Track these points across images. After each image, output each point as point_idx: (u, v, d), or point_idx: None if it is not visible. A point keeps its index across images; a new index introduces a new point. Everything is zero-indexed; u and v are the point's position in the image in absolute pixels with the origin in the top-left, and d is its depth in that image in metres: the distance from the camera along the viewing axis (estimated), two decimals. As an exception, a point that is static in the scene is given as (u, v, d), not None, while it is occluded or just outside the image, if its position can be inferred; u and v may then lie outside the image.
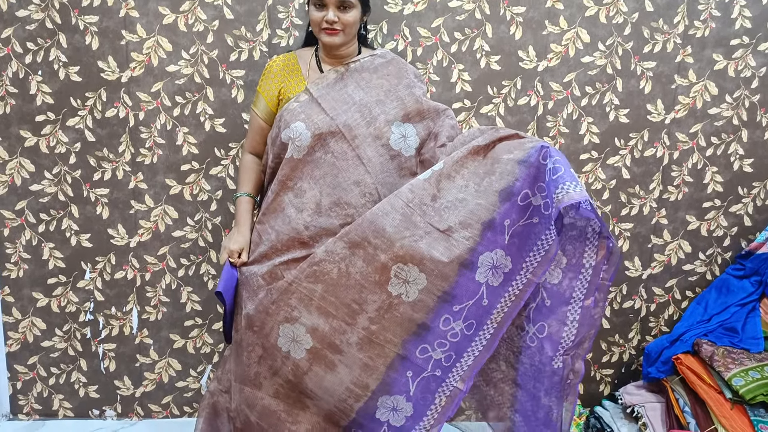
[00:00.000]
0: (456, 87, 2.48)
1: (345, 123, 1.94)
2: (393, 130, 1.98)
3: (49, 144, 2.44)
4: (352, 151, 1.94)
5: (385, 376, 1.87)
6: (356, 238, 1.85)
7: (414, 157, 2.02)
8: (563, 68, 2.48)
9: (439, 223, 1.83)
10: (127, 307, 2.61)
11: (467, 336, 1.86)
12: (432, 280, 1.82)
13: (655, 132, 2.55)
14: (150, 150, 2.47)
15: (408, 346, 1.86)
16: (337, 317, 1.87)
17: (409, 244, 1.82)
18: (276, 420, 1.94)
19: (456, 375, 1.88)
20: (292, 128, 1.93)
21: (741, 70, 2.51)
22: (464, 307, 1.84)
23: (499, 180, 1.83)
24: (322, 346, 1.87)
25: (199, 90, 2.43)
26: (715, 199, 2.63)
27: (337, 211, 1.93)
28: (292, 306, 1.89)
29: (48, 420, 2.68)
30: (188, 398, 2.72)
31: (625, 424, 2.49)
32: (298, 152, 1.93)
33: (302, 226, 1.93)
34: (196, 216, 2.55)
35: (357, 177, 1.94)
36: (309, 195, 1.94)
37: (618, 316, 2.73)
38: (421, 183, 1.86)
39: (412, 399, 1.88)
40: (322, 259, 1.88)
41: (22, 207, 2.49)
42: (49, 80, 2.39)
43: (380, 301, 1.85)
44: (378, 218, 1.84)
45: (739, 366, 2.24)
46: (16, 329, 2.60)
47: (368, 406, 1.88)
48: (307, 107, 1.95)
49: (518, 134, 1.90)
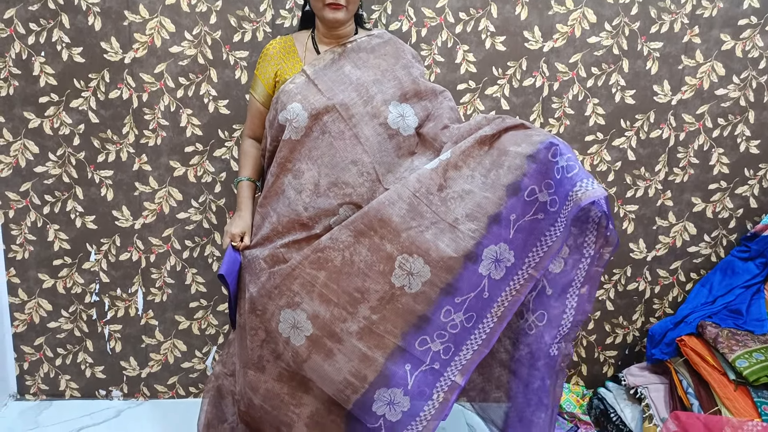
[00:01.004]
0: (461, 68, 2.47)
1: (342, 102, 1.93)
2: (391, 109, 1.97)
3: (53, 125, 2.44)
4: (349, 131, 1.93)
5: (384, 368, 1.86)
6: (362, 227, 1.85)
7: (413, 137, 2.00)
8: (569, 49, 2.46)
9: (446, 214, 1.83)
10: (133, 289, 2.63)
11: (467, 328, 1.85)
12: (436, 272, 1.82)
13: (662, 113, 2.54)
14: (154, 132, 2.47)
15: (407, 338, 1.85)
16: (338, 305, 1.86)
17: (415, 234, 1.82)
18: (279, 402, 1.95)
19: (454, 369, 1.86)
20: (288, 109, 1.92)
21: (748, 51, 2.49)
22: (466, 299, 1.83)
23: (507, 174, 1.82)
24: (322, 333, 1.87)
25: (203, 71, 2.42)
26: (721, 181, 2.61)
27: (335, 191, 1.92)
28: (295, 291, 1.89)
29: (55, 400, 2.71)
30: (194, 379, 2.74)
31: (628, 405, 2.50)
32: (296, 133, 1.93)
33: (302, 208, 1.93)
34: (201, 198, 2.55)
35: (354, 156, 1.93)
36: (307, 176, 1.93)
37: (622, 298, 2.73)
38: (428, 173, 1.85)
39: (410, 393, 1.86)
40: (326, 246, 1.87)
41: (27, 189, 2.49)
42: (52, 61, 2.38)
43: (382, 292, 1.84)
44: (384, 207, 1.83)
45: (743, 348, 2.24)
46: (23, 310, 2.61)
47: (365, 398, 1.87)
48: (304, 88, 1.94)
49: (524, 124, 1.89)
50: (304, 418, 1.93)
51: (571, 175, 1.73)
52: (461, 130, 1.96)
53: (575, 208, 1.71)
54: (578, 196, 1.70)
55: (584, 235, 1.87)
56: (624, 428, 2.43)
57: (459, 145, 1.88)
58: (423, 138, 2.02)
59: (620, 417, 2.48)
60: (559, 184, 1.75)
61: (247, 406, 2.02)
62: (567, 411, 2.61)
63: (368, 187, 1.93)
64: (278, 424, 1.96)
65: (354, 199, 1.92)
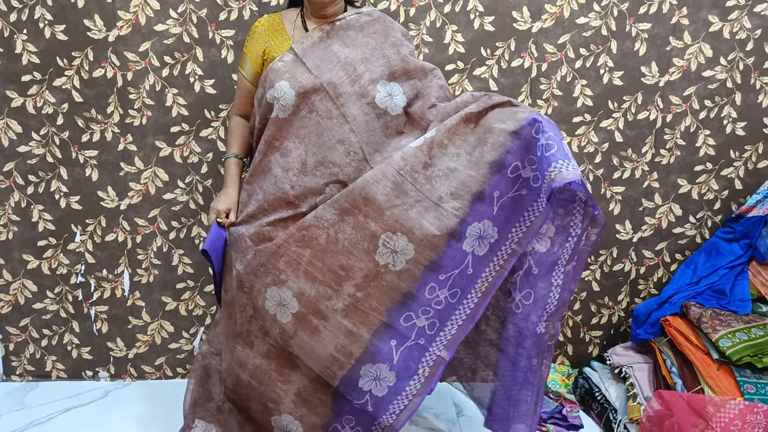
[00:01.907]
0: (449, 48, 2.45)
1: (329, 81, 1.91)
2: (379, 88, 1.96)
3: (36, 104, 2.41)
4: (336, 110, 1.92)
5: (369, 344, 1.86)
6: (346, 205, 1.84)
7: (401, 116, 1.99)
8: (558, 29, 2.45)
9: (430, 192, 1.83)
10: (119, 270, 2.61)
11: (451, 304, 1.86)
12: (420, 250, 1.82)
13: (649, 95, 2.54)
14: (139, 111, 2.44)
15: (392, 314, 1.86)
16: (323, 283, 1.86)
17: (399, 213, 1.82)
18: (267, 379, 1.95)
19: (440, 344, 1.87)
20: (276, 87, 1.91)
21: (736, 32, 2.49)
22: (450, 275, 1.84)
23: (490, 151, 1.82)
24: (307, 311, 1.87)
25: (188, 50, 2.39)
26: (707, 163, 2.63)
27: (321, 170, 1.92)
28: (280, 269, 1.89)
29: (41, 381, 2.70)
30: (181, 360, 2.74)
31: (612, 384, 2.53)
32: (283, 112, 1.92)
33: (288, 186, 1.92)
34: (187, 178, 2.53)
35: (341, 136, 1.92)
36: (294, 154, 1.93)
37: (608, 279, 2.75)
38: (413, 151, 1.85)
39: (395, 368, 1.87)
40: (311, 225, 1.87)
41: (10, 168, 2.46)
42: (34, 39, 2.34)
43: (367, 270, 1.84)
44: (369, 185, 1.83)
45: (726, 328, 2.27)
46: (7, 291, 2.59)
47: (351, 374, 1.87)
48: (292, 66, 1.93)
49: (511, 102, 1.88)
50: (291, 395, 1.94)
51: (549, 155, 1.73)
52: (448, 108, 1.95)
53: (548, 189, 1.72)
54: (552, 177, 1.71)
55: (570, 215, 1.89)
56: (608, 407, 2.47)
57: (444, 123, 1.88)
58: (411, 117, 2.01)
59: (605, 396, 2.51)
60: (539, 161, 1.75)
61: (234, 383, 2.02)
62: (552, 390, 2.64)
63: (355, 167, 1.92)
64: (265, 401, 1.97)
65: (341, 179, 1.92)
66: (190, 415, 2.11)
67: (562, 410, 2.52)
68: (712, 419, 2.03)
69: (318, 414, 1.94)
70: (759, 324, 2.30)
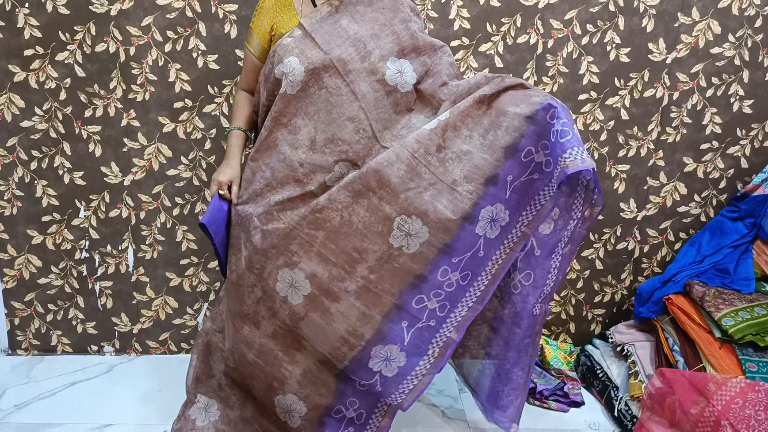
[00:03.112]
0: (454, 24, 2.43)
1: (339, 57, 1.90)
2: (389, 65, 1.94)
3: (39, 79, 2.40)
4: (346, 87, 1.90)
5: (381, 325, 1.87)
6: (360, 187, 1.84)
7: (411, 93, 1.98)
8: (564, 5, 2.42)
9: (444, 175, 1.83)
10: (123, 245, 2.62)
11: (462, 287, 1.87)
12: (434, 233, 1.83)
13: (656, 72, 2.52)
14: (142, 87, 2.43)
15: (404, 296, 1.87)
16: (336, 264, 1.86)
17: (413, 195, 1.82)
18: (273, 358, 1.96)
19: (450, 325, 1.90)
20: (285, 63, 1.89)
21: (745, 9, 2.45)
22: (462, 258, 1.85)
23: (504, 135, 1.82)
24: (319, 292, 1.88)
25: (191, 25, 2.38)
26: (713, 141, 2.61)
27: (331, 147, 1.91)
28: (292, 251, 1.88)
29: (47, 355, 2.72)
30: (185, 335, 2.75)
31: (614, 362, 2.54)
32: (292, 88, 1.90)
33: (297, 163, 1.91)
34: (190, 155, 2.52)
35: (351, 113, 1.91)
36: (303, 131, 1.91)
37: (611, 257, 2.75)
38: (427, 133, 1.85)
39: (406, 349, 1.89)
40: (324, 206, 1.87)
41: (14, 144, 2.46)
42: (36, 13, 2.32)
43: (380, 252, 1.85)
44: (383, 168, 1.83)
45: (729, 306, 2.27)
46: (12, 266, 2.60)
47: (362, 355, 1.89)
48: (301, 42, 1.91)
49: (523, 84, 1.88)
50: (296, 376, 1.95)
51: (564, 141, 1.74)
52: (460, 88, 1.94)
53: (562, 174, 1.73)
54: (566, 163, 1.72)
55: (574, 196, 1.90)
56: (610, 384, 2.48)
57: (458, 105, 1.87)
58: (421, 94, 2.00)
59: (606, 374, 2.52)
60: (553, 146, 1.76)
61: (238, 362, 2.03)
62: (554, 367, 2.65)
63: (364, 144, 1.91)
64: (271, 380, 1.98)
65: (350, 156, 1.91)
66: (192, 390, 2.13)
67: (563, 387, 2.54)
68: (713, 397, 2.04)
69: (322, 395, 1.96)
70: (762, 303, 2.30)
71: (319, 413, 1.98)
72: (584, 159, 1.72)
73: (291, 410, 1.98)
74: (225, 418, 2.09)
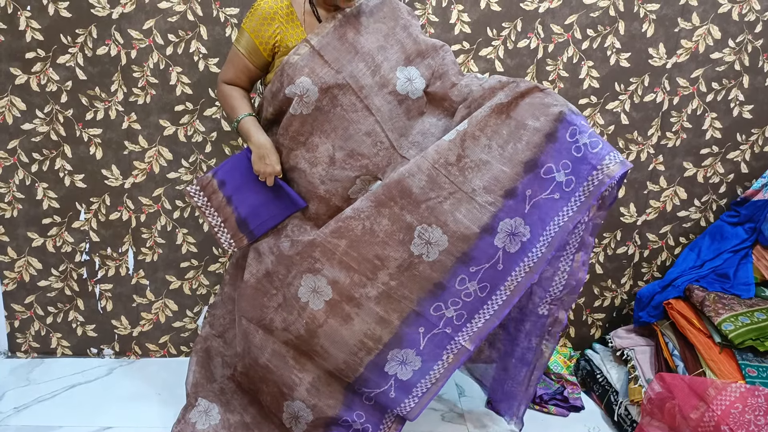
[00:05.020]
0: (455, 28, 2.43)
1: (351, 74, 1.90)
2: (398, 75, 1.96)
3: (40, 82, 2.40)
4: (360, 103, 1.91)
5: (399, 329, 1.91)
6: (383, 198, 1.89)
7: (421, 98, 2.01)
8: (565, 10, 2.43)
9: (463, 184, 1.86)
10: (123, 248, 2.62)
11: (480, 298, 1.91)
12: (453, 242, 1.86)
13: (656, 77, 2.52)
14: (143, 90, 2.43)
15: (423, 303, 1.91)
16: (358, 271, 1.90)
17: (434, 205, 1.86)
18: (284, 364, 1.99)
19: (465, 335, 1.93)
20: (297, 84, 1.88)
21: (745, 14, 2.46)
22: (480, 268, 1.88)
23: (525, 150, 1.86)
24: (340, 298, 1.91)
25: (192, 28, 2.38)
26: (713, 146, 2.61)
27: (351, 163, 1.93)
28: (316, 258, 1.92)
29: (46, 358, 2.72)
30: (185, 338, 2.75)
31: (614, 366, 2.54)
32: (306, 108, 1.90)
33: (318, 180, 1.94)
34: (191, 158, 2.53)
35: (368, 128, 1.93)
36: (321, 149, 1.93)
37: (611, 262, 2.75)
38: (447, 144, 1.88)
39: (422, 353, 1.93)
40: (348, 216, 1.91)
41: (15, 146, 2.46)
42: (38, 16, 2.33)
43: (401, 259, 1.89)
44: (405, 179, 1.87)
45: (729, 311, 2.27)
46: (12, 269, 2.60)
47: (379, 359, 1.93)
48: (310, 60, 1.90)
49: (537, 87, 1.90)
50: (306, 384, 1.98)
51: (597, 151, 1.81)
52: (474, 93, 1.97)
53: (607, 180, 1.80)
54: (610, 169, 1.80)
55: None
56: (609, 389, 2.48)
57: (475, 114, 1.90)
58: (431, 97, 2.03)
59: (606, 378, 2.52)
60: (578, 162, 1.82)
61: (249, 366, 2.05)
62: (554, 372, 2.65)
63: (383, 156, 1.95)
64: (281, 385, 2.00)
65: (371, 169, 1.95)
66: (192, 394, 2.14)
67: (563, 392, 2.53)
68: (713, 402, 2.04)
69: (329, 406, 1.99)
70: (762, 308, 2.30)
71: (326, 422, 2.01)
72: (623, 161, 1.81)
73: (298, 417, 2.01)
74: (225, 422, 2.09)
